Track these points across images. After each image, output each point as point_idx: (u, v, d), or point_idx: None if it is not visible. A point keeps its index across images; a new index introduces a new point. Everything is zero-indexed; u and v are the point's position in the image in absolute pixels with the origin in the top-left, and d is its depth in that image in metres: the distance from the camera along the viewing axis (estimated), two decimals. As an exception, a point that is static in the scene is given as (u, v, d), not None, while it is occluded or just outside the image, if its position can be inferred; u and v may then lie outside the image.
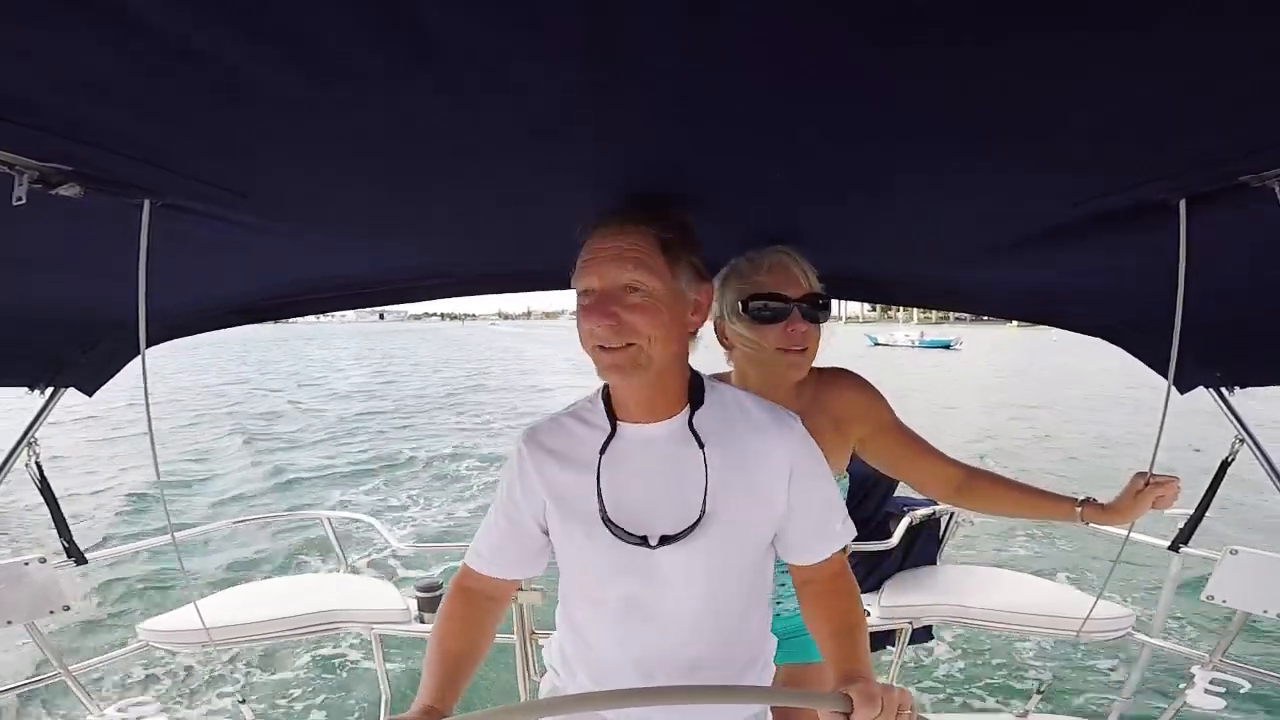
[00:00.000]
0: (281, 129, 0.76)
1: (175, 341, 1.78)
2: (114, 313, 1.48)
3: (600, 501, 1.05)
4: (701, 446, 1.04)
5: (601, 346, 0.97)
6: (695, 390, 1.08)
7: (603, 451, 1.06)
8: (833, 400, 1.42)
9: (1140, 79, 0.64)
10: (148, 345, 1.06)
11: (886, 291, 1.99)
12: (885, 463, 1.47)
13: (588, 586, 1.13)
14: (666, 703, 0.88)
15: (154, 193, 0.90)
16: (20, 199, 0.74)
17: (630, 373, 0.98)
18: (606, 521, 1.04)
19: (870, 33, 0.58)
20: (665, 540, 1.02)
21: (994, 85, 0.67)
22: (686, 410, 1.07)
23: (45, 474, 1.84)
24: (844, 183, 1.05)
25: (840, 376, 1.46)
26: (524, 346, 57.40)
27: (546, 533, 1.14)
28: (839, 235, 1.43)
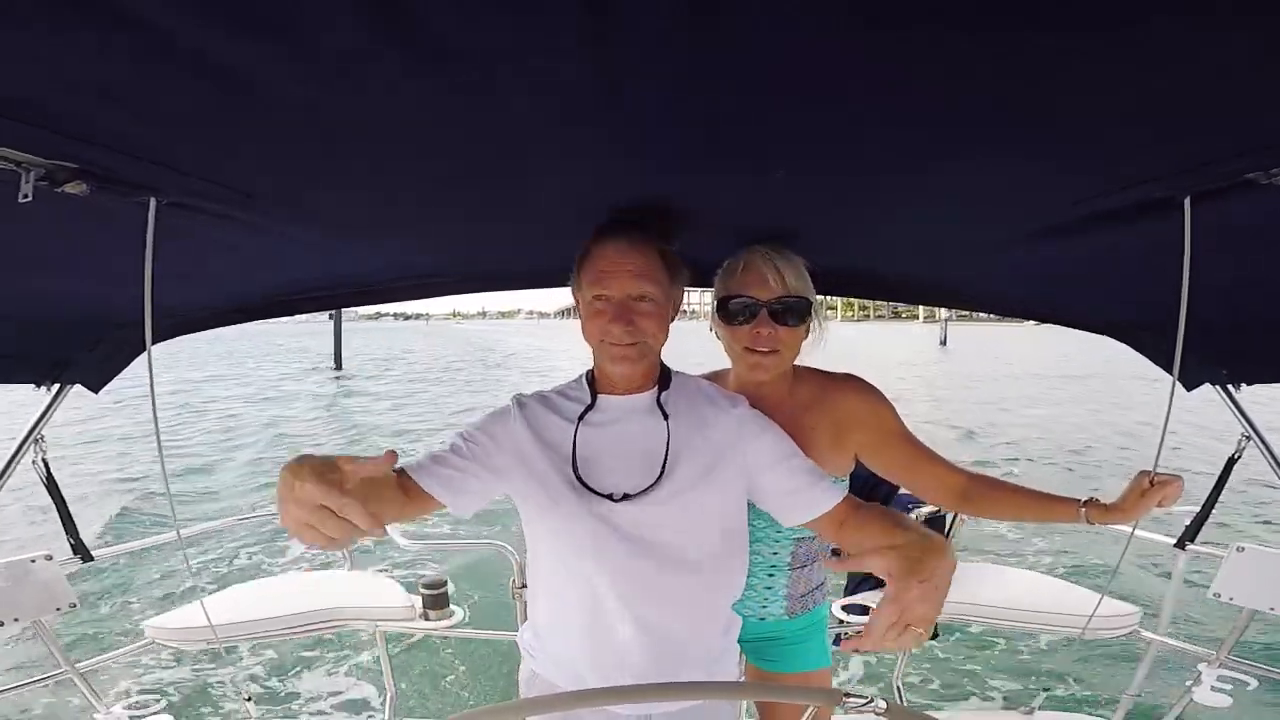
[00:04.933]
0: (286, 129, 0.77)
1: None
2: (119, 310, 1.49)
3: (574, 456, 1.17)
4: (666, 419, 1.19)
5: (613, 343, 1.14)
6: (664, 376, 1.25)
7: (582, 417, 1.20)
8: (835, 405, 1.41)
9: (1145, 76, 0.63)
10: (153, 342, 1.07)
11: (889, 290, 1.98)
12: (888, 470, 1.45)
13: (553, 552, 1.20)
14: (650, 700, 0.89)
15: (159, 191, 0.90)
16: (27, 196, 0.75)
17: (636, 363, 1.17)
18: (576, 477, 1.14)
19: (871, 31, 0.57)
20: (628, 497, 1.14)
21: (997, 82, 0.66)
22: (656, 389, 1.23)
23: (52, 471, 1.86)
24: (846, 182, 1.05)
25: (846, 382, 1.45)
26: (507, 339, 70.65)
27: (498, 487, 1.17)
28: (841, 234, 1.42)
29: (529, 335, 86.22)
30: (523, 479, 1.18)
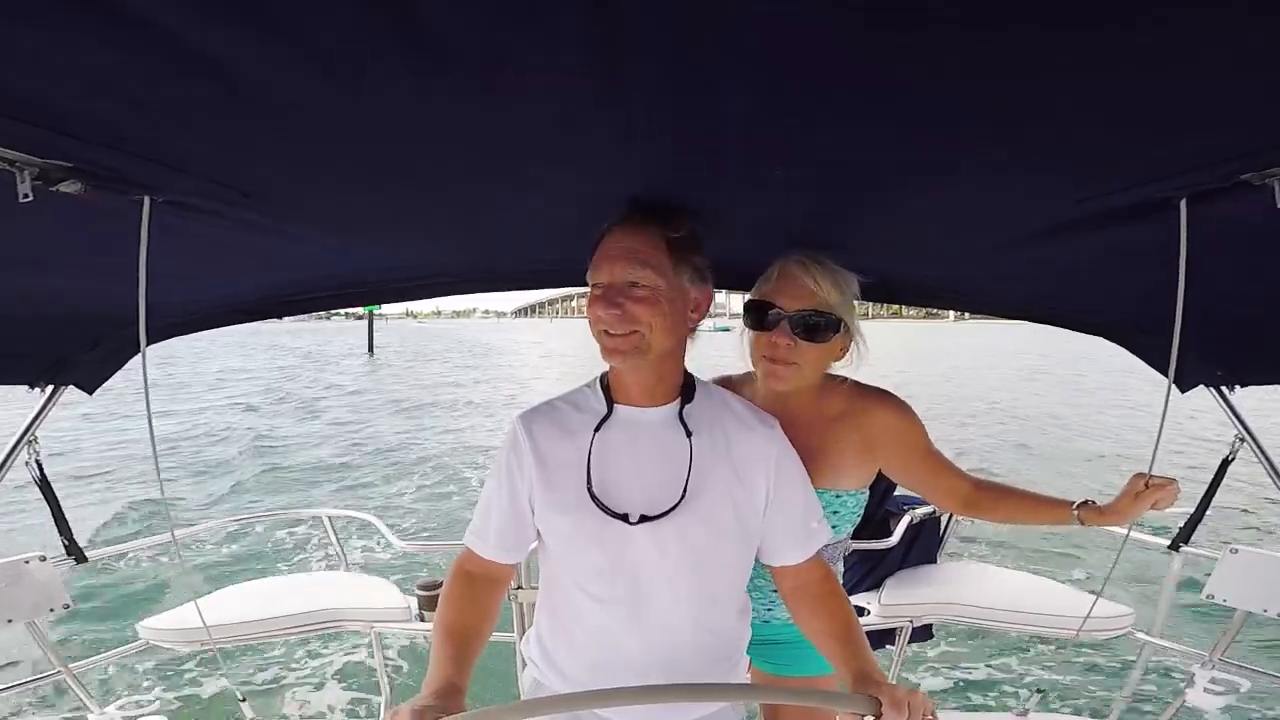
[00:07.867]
0: (283, 129, 0.76)
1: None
2: (114, 311, 1.48)
3: (588, 475, 1.10)
4: (689, 435, 1.12)
5: (607, 332, 1.06)
6: (687, 386, 1.17)
7: (598, 429, 1.13)
8: (868, 420, 1.40)
9: (1143, 78, 0.63)
10: (148, 343, 1.06)
11: (889, 291, 1.98)
12: (907, 481, 1.48)
13: (568, 568, 1.16)
14: (676, 700, 0.88)
15: (154, 190, 0.90)
16: (28, 196, 0.74)
17: (630, 356, 1.06)
18: (590, 495, 1.09)
19: (874, 33, 0.57)
20: (645, 519, 1.08)
21: (996, 85, 0.66)
22: (679, 401, 1.15)
23: (45, 472, 1.84)
24: (846, 183, 1.05)
25: (880, 399, 1.44)
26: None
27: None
28: (841, 235, 1.43)
29: (492, 332, 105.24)
30: (541, 499, 1.14)
